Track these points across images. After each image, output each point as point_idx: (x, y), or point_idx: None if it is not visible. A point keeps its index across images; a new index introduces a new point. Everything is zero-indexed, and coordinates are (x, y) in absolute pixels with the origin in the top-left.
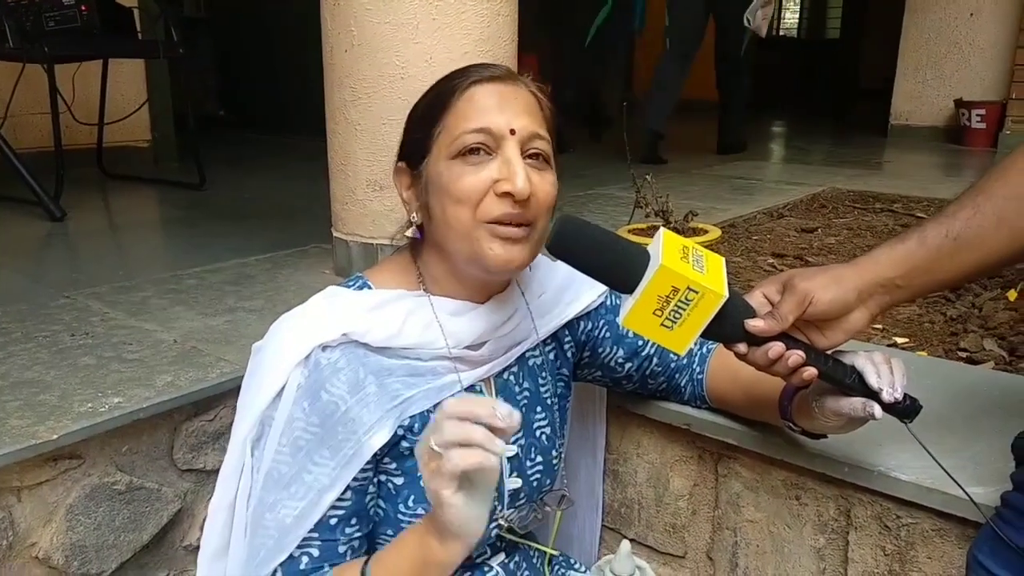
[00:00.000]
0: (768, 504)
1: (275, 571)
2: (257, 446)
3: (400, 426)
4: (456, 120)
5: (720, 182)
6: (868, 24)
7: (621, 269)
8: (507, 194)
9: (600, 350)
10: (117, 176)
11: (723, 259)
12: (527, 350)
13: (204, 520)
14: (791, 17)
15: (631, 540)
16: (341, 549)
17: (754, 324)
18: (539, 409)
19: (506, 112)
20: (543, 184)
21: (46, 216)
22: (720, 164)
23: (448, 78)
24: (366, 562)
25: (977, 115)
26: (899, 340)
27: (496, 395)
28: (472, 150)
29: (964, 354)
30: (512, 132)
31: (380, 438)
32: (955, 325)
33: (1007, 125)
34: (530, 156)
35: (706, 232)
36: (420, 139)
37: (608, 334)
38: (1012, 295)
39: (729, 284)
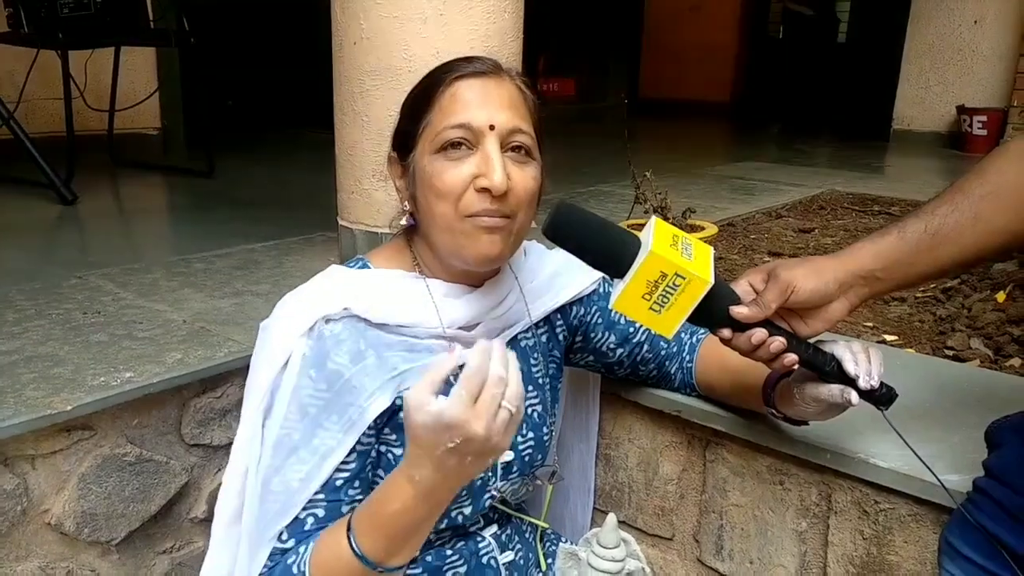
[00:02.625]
0: (753, 489)
1: (282, 532)
2: (268, 416)
3: (399, 396)
4: (439, 116)
5: (720, 182)
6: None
7: (613, 254)
8: (485, 189)
9: (592, 335)
10: (127, 162)
11: (711, 248)
12: (520, 332)
13: (211, 493)
14: None
15: (621, 522)
16: (344, 510)
17: (738, 311)
18: (531, 388)
19: (487, 107)
20: (523, 178)
21: (58, 199)
22: (722, 164)
23: (435, 72)
24: (350, 518)
25: (979, 122)
26: (888, 338)
27: None
28: (453, 145)
29: (951, 352)
30: (492, 127)
31: (380, 404)
32: (944, 324)
33: (1008, 132)
34: (512, 149)
35: (703, 229)
36: (408, 132)
37: (600, 320)
38: (1001, 296)
39: (716, 272)
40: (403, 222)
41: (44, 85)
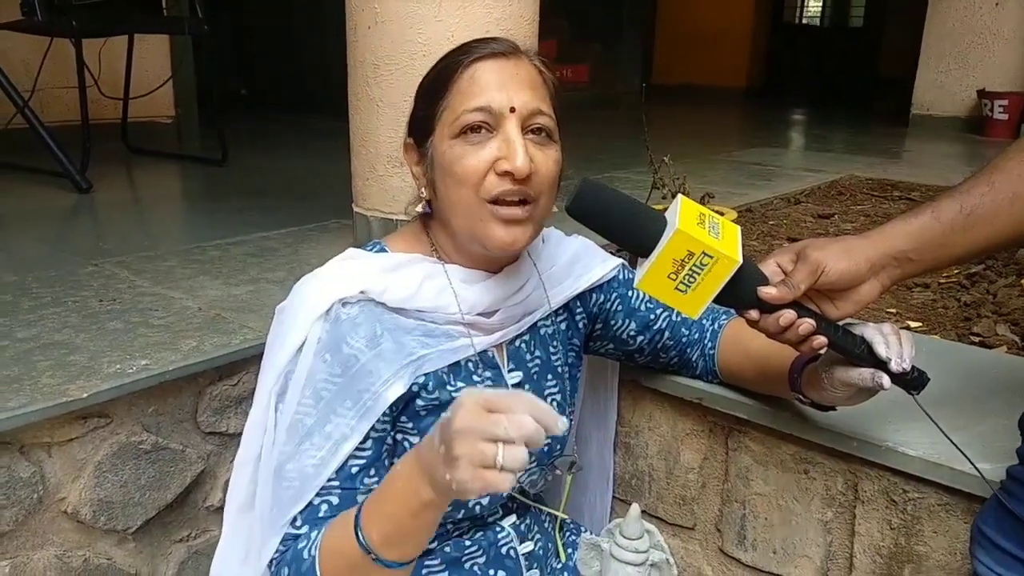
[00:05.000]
0: (777, 478)
1: (295, 518)
2: (281, 399)
3: (415, 383)
4: (458, 99)
5: (738, 168)
6: (891, 12)
7: (639, 232)
8: (508, 172)
9: (612, 322)
10: (141, 151)
11: (739, 228)
12: (539, 320)
13: (227, 481)
14: (815, 5)
15: (641, 511)
16: (360, 498)
17: (766, 291)
18: (550, 377)
19: (507, 89)
20: (545, 160)
21: (73, 188)
22: (739, 150)
23: (451, 54)
24: (359, 509)
25: (1000, 106)
26: (912, 324)
27: (508, 361)
28: (473, 128)
29: (977, 339)
30: (512, 110)
31: (396, 390)
32: (969, 311)
33: None
34: (532, 132)
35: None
36: (425, 117)
37: (620, 307)
38: None
39: (744, 252)
40: (419, 208)
41: (58, 74)
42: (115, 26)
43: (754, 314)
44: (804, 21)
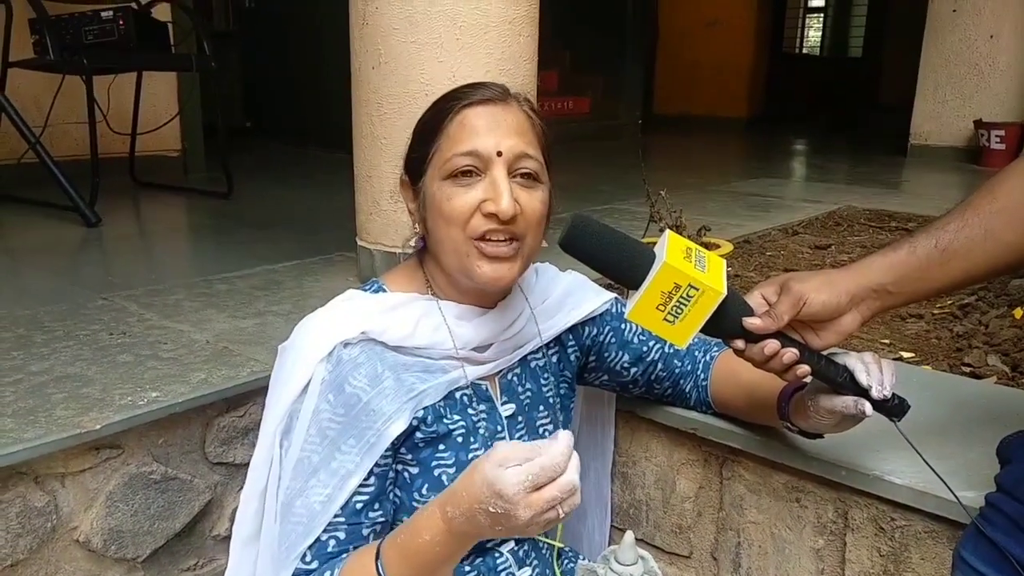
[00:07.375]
0: (770, 506)
1: (305, 553)
2: (286, 438)
3: (415, 418)
4: (448, 143)
5: (736, 199)
6: (889, 43)
7: (628, 266)
8: (493, 214)
9: (606, 355)
10: (148, 184)
11: (724, 261)
12: (530, 353)
13: (234, 511)
14: (814, 35)
15: (638, 540)
16: (365, 532)
17: (751, 322)
18: (542, 408)
19: (494, 134)
20: (531, 201)
21: (82, 222)
22: (738, 181)
23: (444, 99)
24: (380, 545)
25: (996, 136)
26: (905, 355)
27: (500, 394)
28: (463, 172)
29: (968, 369)
30: (499, 154)
31: (398, 427)
32: (961, 341)
33: None
34: (520, 175)
35: (718, 247)
36: (418, 157)
37: (614, 340)
38: (1018, 313)
39: (729, 284)
40: (412, 243)
41: (68, 110)
42: (125, 63)
43: (740, 344)
44: (804, 51)
